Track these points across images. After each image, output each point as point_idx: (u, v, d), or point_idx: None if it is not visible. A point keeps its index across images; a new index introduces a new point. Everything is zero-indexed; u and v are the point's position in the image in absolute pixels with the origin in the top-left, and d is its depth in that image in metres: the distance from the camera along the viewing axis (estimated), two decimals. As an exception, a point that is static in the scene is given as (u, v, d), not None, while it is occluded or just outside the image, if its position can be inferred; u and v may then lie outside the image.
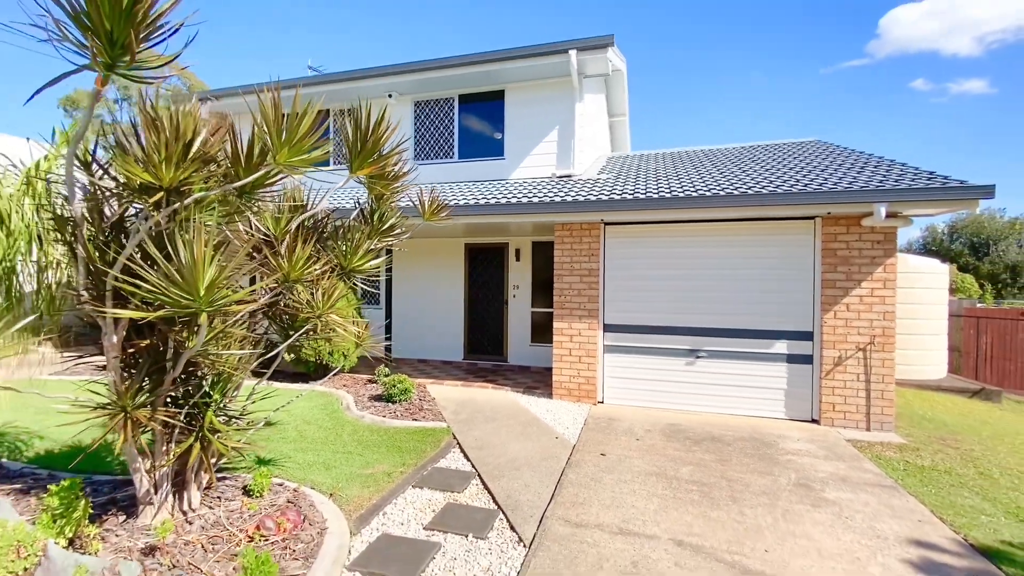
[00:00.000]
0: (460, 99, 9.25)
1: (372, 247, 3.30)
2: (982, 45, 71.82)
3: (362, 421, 5.68)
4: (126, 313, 2.04)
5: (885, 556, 3.14)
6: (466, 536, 3.26)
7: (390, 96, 9.30)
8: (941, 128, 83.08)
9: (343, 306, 3.40)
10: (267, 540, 2.86)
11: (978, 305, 13.65)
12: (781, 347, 6.16)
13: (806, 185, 5.91)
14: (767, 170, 7.12)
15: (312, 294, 2.85)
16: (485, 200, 7.08)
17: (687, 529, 3.40)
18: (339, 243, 3.24)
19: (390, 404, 6.26)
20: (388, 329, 9.88)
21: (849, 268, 5.86)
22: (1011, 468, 4.80)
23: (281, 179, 2.59)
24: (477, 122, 9.25)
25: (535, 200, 6.75)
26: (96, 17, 1.71)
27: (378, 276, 3.56)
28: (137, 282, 1.97)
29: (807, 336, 6.07)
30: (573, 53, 7.81)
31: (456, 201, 7.15)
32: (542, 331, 8.93)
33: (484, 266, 9.50)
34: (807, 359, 6.07)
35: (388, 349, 8.91)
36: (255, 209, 2.71)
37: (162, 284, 1.88)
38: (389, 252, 6.85)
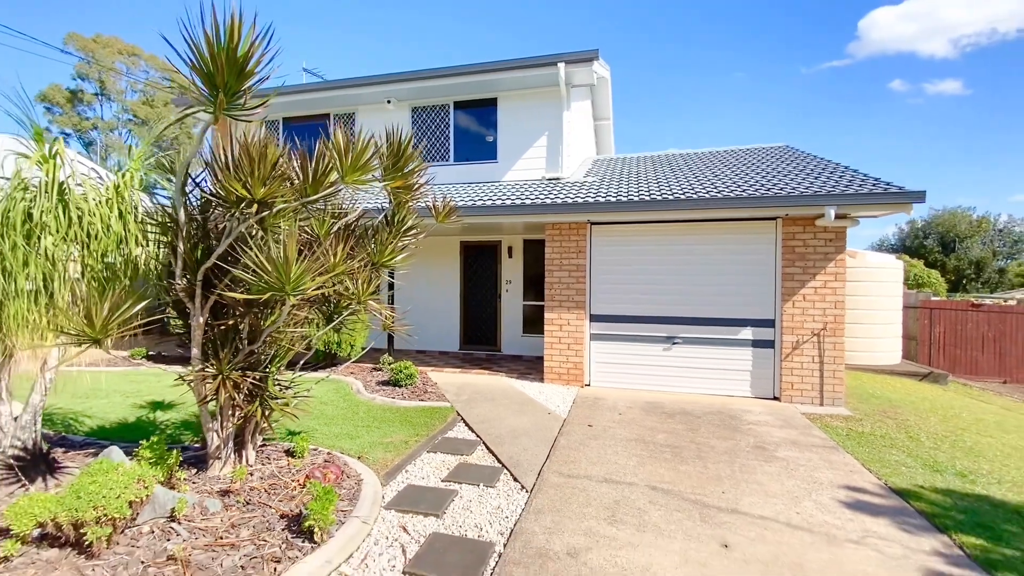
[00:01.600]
0: (455, 105, 9.86)
1: (396, 246, 3.93)
2: (957, 48, 74.45)
3: (374, 402, 6.29)
4: (233, 295, 2.65)
5: (818, 495, 3.88)
6: (478, 486, 3.92)
7: (388, 102, 9.86)
8: (918, 127, 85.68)
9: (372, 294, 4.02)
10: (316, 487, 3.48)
11: (932, 298, 14.69)
12: (747, 333, 6.92)
13: (769, 189, 6.67)
14: (737, 175, 7.89)
15: (354, 283, 3.46)
16: (482, 202, 7.72)
17: (660, 478, 4.11)
18: (369, 242, 3.85)
19: (397, 388, 6.88)
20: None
21: (805, 263, 6.64)
22: (937, 434, 5.62)
23: (339, 191, 3.21)
24: (471, 127, 9.87)
25: (528, 202, 7.42)
26: (219, 77, 2.30)
27: (401, 269, 4.17)
28: (234, 271, 2.57)
29: (769, 323, 6.84)
30: (561, 66, 8.47)
31: (455, 202, 7.77)
32: (533, 322, 9.61)
33: (478, 262, 10.14)
34: (769, 344, 6.85)
35: (390, 340, 9.50)
36: (311, 215, 3.31)
37: (264, 272, 2.48)
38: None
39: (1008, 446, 5.38)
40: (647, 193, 7.22)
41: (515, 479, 4.06)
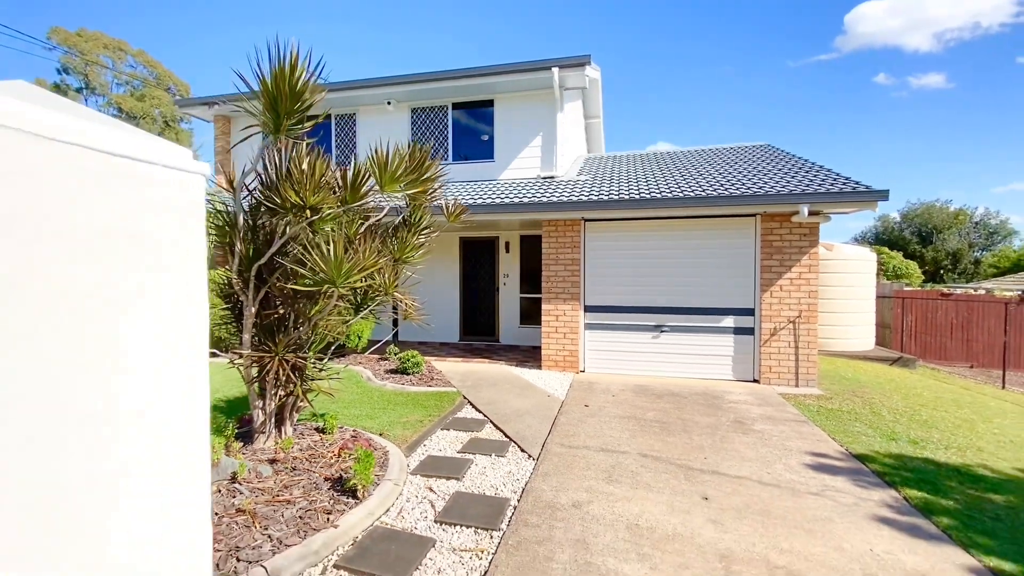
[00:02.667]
0: (453, 106, 10.27)
1: (414, 243, 4.39)
2: (941, 42, 76.03)
3: (385, 388, 6.77)
4: (293, 287, 3.10)
5: (787, 460, 4.45)
6: (490, 455, 4.43)
7: (389, 104, 10.24)
8: (902, 120, 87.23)
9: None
10: (351, 456, 3.97)
11: (905, 288, 15.45)
12: (729, 322, 7.50)
13: (748, 188, 7.22)
14: (720, 173, 8.43)
15: (382, 277, 3.92)
16: (480, 199, 8.19)
17: (649, 447, 4.65)
18: (391, 240, 4.31)
19: (405, 375, 7.36)
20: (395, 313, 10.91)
21: (782, 256, 7.22)
22: (898, 409, 6.24)
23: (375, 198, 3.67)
24: (469, 127, 10.30)
25: (526, 200, 7.90)
26: (275, 102, 2.75)
27: (417, 264, 4.63)
28: (289, 265, 3.03)
29: (749, 312, 7.42)
30: (555, 70, 8.93)
31: (462, 202, 8.23)
32: (529, 314, 10.12)
33: (477, 257, 10.61)
34: (749, 331, 7.43)
35: (395, 332, 9.95)
36: (348, 218, 3.76)
37: (320, 268, 2.94)
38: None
39: (960, 419, 6.01)
40: (636, 192, 7.74)
41: (522, 450, 4.58)
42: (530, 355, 9.12)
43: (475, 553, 2.92)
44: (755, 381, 7.38)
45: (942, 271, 38.24)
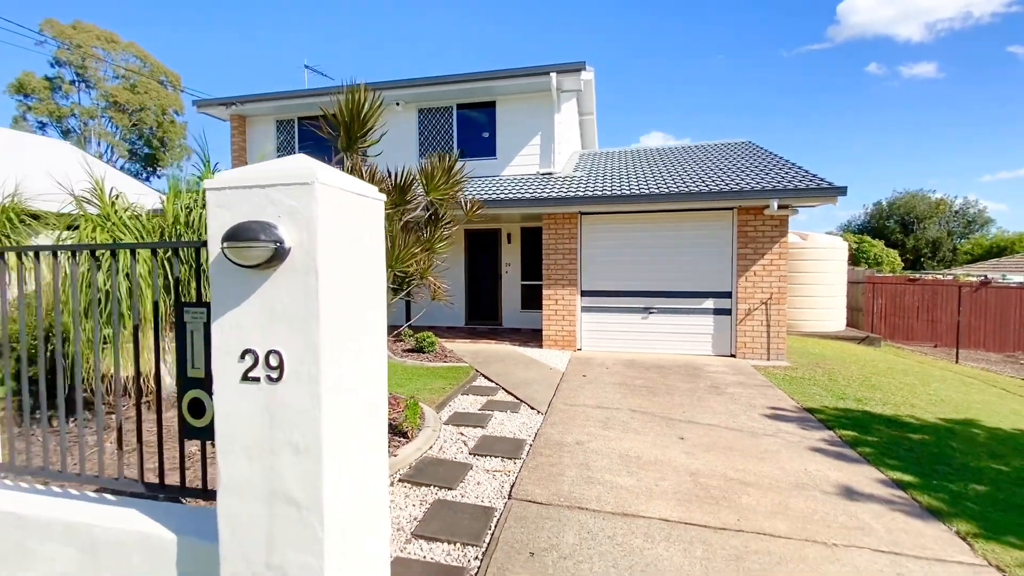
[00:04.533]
0: (458, 107, 11.05)
1: (441, 236, 5.23)
2: (932, 32, 77.11)
3: (406, 364, 7.65)
4: None
5: (750, 413, 5.39)
6: (505, 412, 5.34)
7: (398, 104, 11.00)
8: (892, 109, 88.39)
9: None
10: (396, 409, 4.85)
11: (876, 274, 16.51)
12: (709, 304, 8.43)
13: (727, 185, 8.11)
14: (703, 170, 9.32)
15: (418, 264, 4.76)
16: (486, 195, 9.02)
17: (638, 405, 5.58)
18: (422, 232, 5.15)
19: (422, 353, 8.24)
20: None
21: (756, 245, 8.14)
22: (852, 376, 7.22)
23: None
24: (473, 127, 11.09)
25: (528, 196, 8.75)
26: (351, 127, 3.58)
27: (445, 252, 5.46)
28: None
29: (727, 295, 8.36)
30: (553, 75, 9.73)
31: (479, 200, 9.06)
32: (530, 300, 11.01)
33: (481, 248, 11.46)
34: (727, 311, 8.37)
35: (407, 316, 10.80)
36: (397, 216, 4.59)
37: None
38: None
39: (903, 384, 7.01)
40: (628, 188, 8.62)
41: (532, 408, 5.49)
42: (531, 337, 10.02)
43: (503, 472, 3.83)
44: (732, 356, 8.34)
45: (922, 259, 39.61)
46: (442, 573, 2.61)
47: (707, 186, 8.16)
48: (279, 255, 1.56)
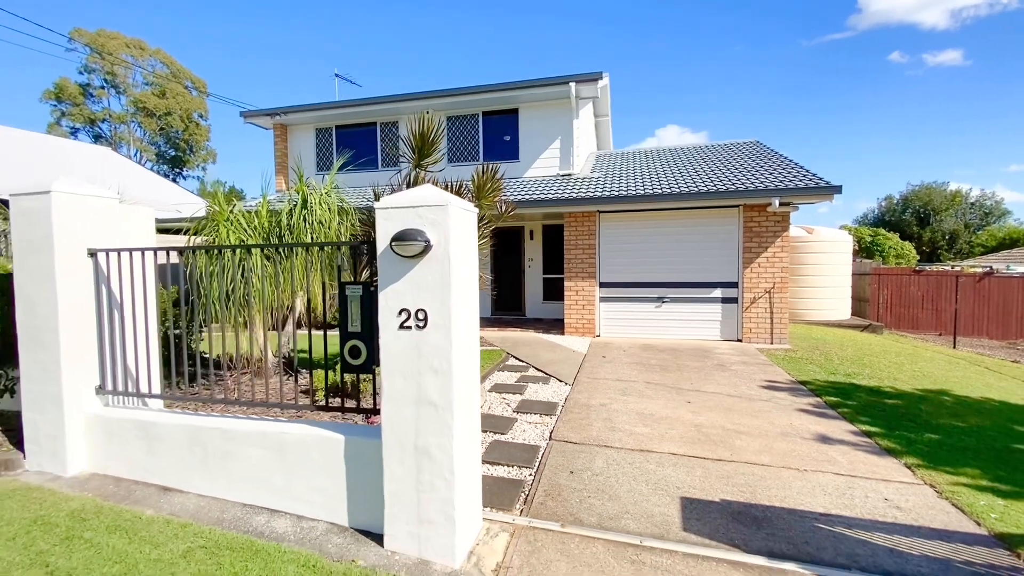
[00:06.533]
0: (483, 114, 11.97)
1: (483, 233, 6.17)
2: (957, 19, 75.61)
3: (444, 347, 8.61)
4: None
5: (750, 384, 6.25)
6: (538, 383, 6.27)
7: (427, 113, 11.90)
8: (916, 99, 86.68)
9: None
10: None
11: (881, 266, 17.06)
12: (717, 293, 9.25)
13: (733, 184, 8.91)
14: (712, 170, 10.12)
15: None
16: (512, 196, 9.93)
17: (652, 379, 6.47)
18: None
19: (457, 339, 9.19)
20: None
21: (760, 239, 8.94)
22: (846, 357, 8.01)
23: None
24: (497, 132, 12.00)
25: (550, 196, 9.65)
26: (422, 149, 4.51)
27: (484, 248, 6.39)
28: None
29: (734, 285, 9.17)
30: (572, 84, 10.59)
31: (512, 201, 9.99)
32: (552, 292, 11.91)
33: (505, 244, 12.39)
34: (734, 300, 9.18)
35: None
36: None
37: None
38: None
39: (892, 363, 7.78)
40: (642, 188, 9.46)
41: (560, 380, 6.41)
42: (553, 325, 10.92)
43: (542, 424, 4.76)
44: (739, 340, 9.16)
45: (939, 251, 39.56)
46: (507, 482, 3.56)
47: (715, 186, 8.96)
48: (426, 250, 2.49)
